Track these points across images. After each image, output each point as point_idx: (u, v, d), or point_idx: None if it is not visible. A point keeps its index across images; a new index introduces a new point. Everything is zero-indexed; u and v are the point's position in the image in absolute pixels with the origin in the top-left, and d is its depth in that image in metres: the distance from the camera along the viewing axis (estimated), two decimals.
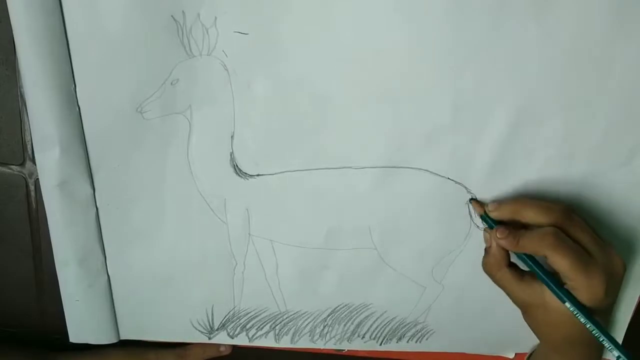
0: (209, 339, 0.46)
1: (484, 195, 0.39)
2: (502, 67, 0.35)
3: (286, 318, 0.45)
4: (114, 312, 0.44)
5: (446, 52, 0.35)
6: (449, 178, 0.39)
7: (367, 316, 0.44)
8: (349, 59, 0.35)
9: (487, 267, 0.39)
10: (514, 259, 0.38)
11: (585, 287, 0.34)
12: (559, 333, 0.37)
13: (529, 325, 0.39)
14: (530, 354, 0.45)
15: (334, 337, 0.45)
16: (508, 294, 0.38)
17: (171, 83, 0.36)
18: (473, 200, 0.39)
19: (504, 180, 0.38)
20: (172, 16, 0.34)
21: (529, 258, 0.36)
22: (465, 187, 0.39)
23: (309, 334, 0.45)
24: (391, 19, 0.34)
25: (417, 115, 0.37)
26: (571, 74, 0.35)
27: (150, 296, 0.44)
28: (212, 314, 0.45)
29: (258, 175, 0.39)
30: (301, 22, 0.35)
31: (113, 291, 0.44)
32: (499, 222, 0.37)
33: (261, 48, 0.35)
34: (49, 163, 0.37)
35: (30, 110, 0.36)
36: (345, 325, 0.45)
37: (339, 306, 0.44)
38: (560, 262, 0.34)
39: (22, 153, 0.41)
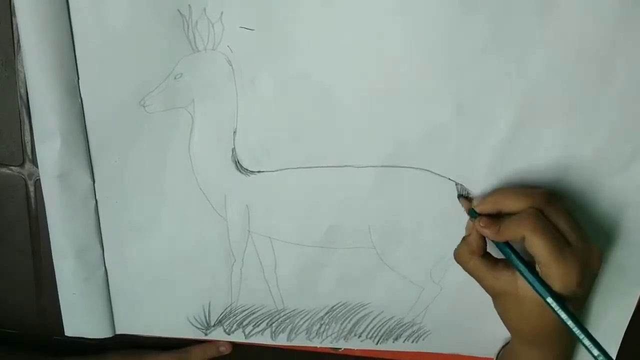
0: (205, 335, 0.45)
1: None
2: (505, 68, 0.35)
3: (283, 315, 0.44)
4: (110, 306, 0.44)
5: (450, 52, 0.35)
6: (449, 178, 0.39)
7: (364, 315, 0.44)
8: (352, 57, 0.35)
9: (460, 256, 0.38)
10: (489, 249, 0.38)
11: (560, 274, 0.33)
12: (530, 323, 0.36)
13: (500, 315, 0.38)
14: (498, 354, 0.45)
15: (330, 335, 0.45)
16: (479, 282, 0.38)
17: (175, 77, 0.36)
18: (461, 196, 0.39)
19: (505, 181, 0.38)
20: (178, 10, 0.34)
21: (508, 247, 0.36)
22: (466, 188, 0.39)
23: (305, 332, 0.45)
24: (396, 19, 0.34)
25: (420, 115, 0.37)
26: (574, 76, 0.35)
27: (147, 291, 0.44)
28: (209, 310, 0.45)
29: (259, 171, 0.39)
30: (306, 20, 0.35)
31: (110, 285, 0.43)
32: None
33: (266, 45, 0.35)
34: (50, 154, 0.37)
35: (32, 101, 0.36)
36: (342, 324, 0.45)
37: (336, 305, 0.44)
38: (538, 245, 0.33)
39: (22, 154, 0.41)
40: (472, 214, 0.38)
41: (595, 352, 0.33)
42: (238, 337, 0.46)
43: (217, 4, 0.34)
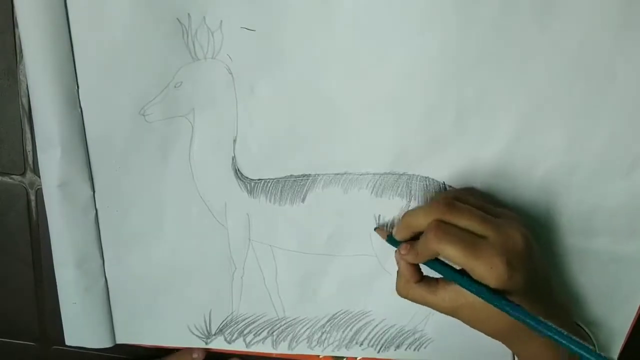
0: (206, 344, 0.45)
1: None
2: (506, 74, 0.35)
3: (284, 324, 0.44)
4: (111, 315, 0.44)
5: (451, 59, 0.35)
6: (449, 185, 0.39)
7: (365, 323, 0.44)
8: (352, 65, 0.36)
9: (399, 289, 0.38)
10: (427, 271, 0.37)
11: (484, 270, 0.32)
12: (497, 325, 0.35)
13: (474, 328, 0.36)
14: None
15: (332, 343, 0.45)
16: (431, 307, 0.36)
17: (174, 86, 0.36)
18: (377, 228, 0.40)
19: (506, 188, 0.38)
20: (177, 19, 0.34)
21: (437, 262, 0.35)
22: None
23: (307, 340, 0.45)
24: (396, 26, 0.34)
25: (420, 122, 0.37)
26: (575, 83, 0.35)
27: (148, 300, 0.44)
28: (210, 319, 0.44)
29: (259, 179, 0.39)
30: (305, 28, 0.35)
31: (110, 295, 0.43)
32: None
33: (265, 52, 0.35)
34: (51, 163, 0.37)
35: (33, 110, 0.36)
36: (343, 332, 0.44)
37: (337, 313, 0.44)
38: (450, 253, 0.32)
39: (23, 163, 0.41)
40: (393, 242, 0.38)
41: (556, 336, 0.31)
42: (239, 346, 0.45)
43: (216, 12, 0.34)
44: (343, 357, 0.46)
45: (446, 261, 0.35)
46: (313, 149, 0.38)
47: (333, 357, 0.46)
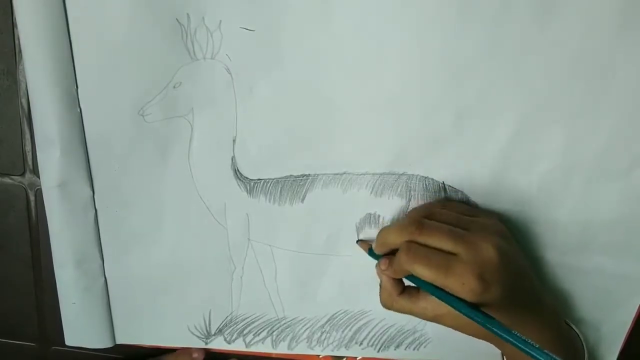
0: (206, 344, 0.45)
1: (486, 204, 0.39)
2: (505, 75, 0.35)
3: (284, 324, 0.44)
4: (110, 316, 0.44)
5: (450, 60, 0.35)
6: (449, 185, 0.39)
7: (365, 323, 0.44)
8: (351, 65, 0.36)
9: (383, 301, 0.38)
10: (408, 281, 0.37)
11: (457, 287, 0.33)
12: (478, 329, 0.35)
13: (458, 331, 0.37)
14: None
15: (331, 343, 0.45)
16: (415, 317, 0.37)
17: (174, 86, 0.36)
18: (359, 241, 0.40)
19: (505, 188, 0.38)
20: (176, 19, 0.34)
21: (415, 276, 0.35)
22: (466, 195, 0.39)
23: (306, 340, 0.45)
24: (395, 26, 0.34)
25: (419, 123, 0.37)
26: (574, 83, 0.35)
27: (147, 300, 0.44)
28: (209, 319, 0.44)
29: (259, 179, 0.39)
30: (304, 28, 0.35)
31: (110, 295, 0.43)
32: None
33: (264, 53, 0.35)
34: (50, 163, 0.37)
35: (32, 110, 0.36)
36: (343, 332, 0.44)
37: (337, 312, 0.44)
38: (422, 273, 0.33)
39: (23, 163, 0.41)
40: (374, 256, 0.38)
41: (526, 348, 0.32)
42: (239, 346, 0.45)
43: (215, 12, 0.34)
44: (343, 357, 0.46)
45: None
46: (312, 149, 0.38)
47: (333, 356, 0.46)
